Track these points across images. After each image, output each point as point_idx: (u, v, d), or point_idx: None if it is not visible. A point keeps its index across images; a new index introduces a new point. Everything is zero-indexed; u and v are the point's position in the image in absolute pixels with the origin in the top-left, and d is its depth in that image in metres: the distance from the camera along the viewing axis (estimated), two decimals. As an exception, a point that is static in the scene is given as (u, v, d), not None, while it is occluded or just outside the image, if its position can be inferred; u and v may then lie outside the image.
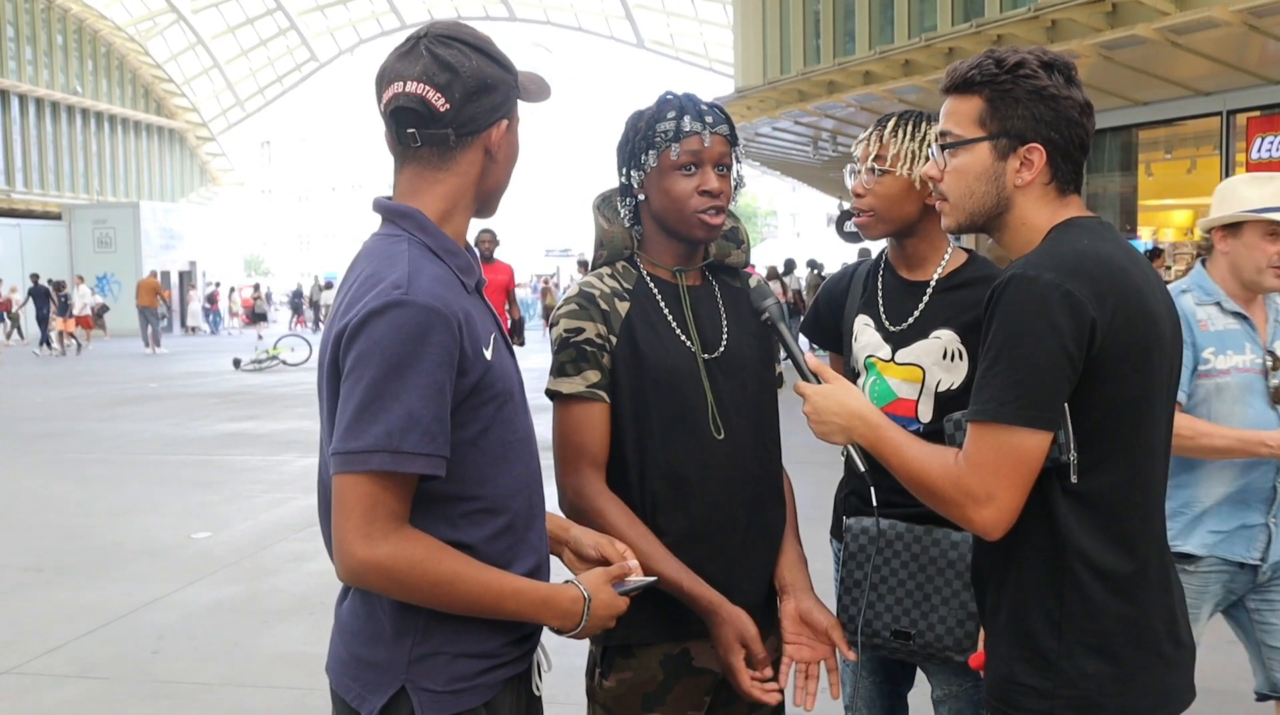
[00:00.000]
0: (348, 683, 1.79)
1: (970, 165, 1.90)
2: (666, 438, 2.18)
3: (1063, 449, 1.77)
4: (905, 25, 18.24)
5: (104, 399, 15.91)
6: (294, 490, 8.92)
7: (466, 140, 1.80)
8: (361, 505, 1.64)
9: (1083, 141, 1.87)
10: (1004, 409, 1.73)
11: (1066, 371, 1.73)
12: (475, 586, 1.71)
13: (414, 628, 1.74)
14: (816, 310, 2.79)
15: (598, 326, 2.18)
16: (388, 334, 1.64)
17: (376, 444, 1.63)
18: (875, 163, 2.47)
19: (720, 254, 2.37)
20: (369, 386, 1.64)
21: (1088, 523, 1.78)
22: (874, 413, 1.91)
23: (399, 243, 1.77)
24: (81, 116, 39.72)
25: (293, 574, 6.49)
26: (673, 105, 2.21)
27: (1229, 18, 11.96)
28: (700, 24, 41.07)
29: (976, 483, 1.75)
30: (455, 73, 1.76)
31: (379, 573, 1.66)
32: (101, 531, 7.63)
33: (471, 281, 1.83)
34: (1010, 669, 1.84)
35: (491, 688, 1.79)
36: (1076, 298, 1.72)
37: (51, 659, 5.14)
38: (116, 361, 23.49)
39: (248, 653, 5.19)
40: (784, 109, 20.65)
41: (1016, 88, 1.85)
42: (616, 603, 1.89)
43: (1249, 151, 14.35)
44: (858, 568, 2.47)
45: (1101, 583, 1.78)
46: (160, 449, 11.21)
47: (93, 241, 34.44)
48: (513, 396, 1.83)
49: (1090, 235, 1.83)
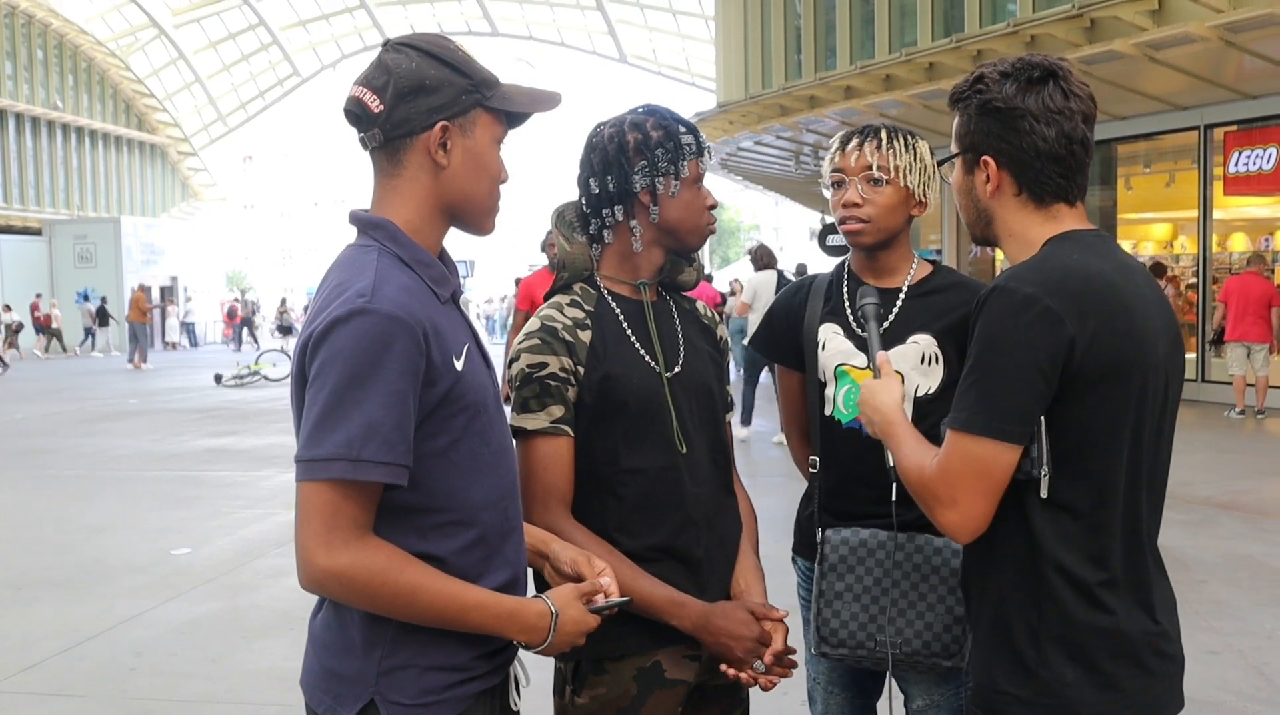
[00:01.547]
0: (319, 695, 1.79)
1: (955, 181, 1.99)
2: (636, 456, 2.19)
3: (1035, 463, 1.77)
4: (886, 40, 18.36)
5: (84, 415, 15.82)
6: (274, 506, 8.88)
7: (405, 143, 1.78)
8: (322, 513, 1.64)
9: (1040, 150, 1.85)
10: (974, 419, 1.75)
11: (1039, 387, 1.73)
12: (439, 598, 1.70)
13: (383, 640, 1.74)
14: (770, 325, 2.75)
15: (561, 359, 2.18)
16: (350, 342, 1.64)
17: (336, 452, 1.62)
18: (879, 173, 2.48)
19: (673, 272, 2.38)
20: (330, 394, 1.64)
21: (1062, 535, 1.79)
22: (893, 409, 1.97)
23: (369, 253, 1.77)
24: (62, 132, 39.55)
25: (273, 590, 6.45)
26: (674, 119, 2.26)
27: (1206, 33, 12.09)
28: (682, 39, 41.20)
29: (943, 487, 1.78)
30: (390, 74, 1.76)
31: (339, 582, 1.65)
32: (80, 547, 7.57)
33: (445, 292, 1.82)
34: (993, 677, 1.85)
35: (462, 701, 1.78)
36: (1055, 313, 1.72)
37: (29, 676, 5.09)
38: (97, 377, 23.37)
39: (227, 669, 5.15)
40: (766, 124, 20.74)
41: (972, 102, 1.89)
42: (586, 620, 1.88)
43: (1226, 165, 14.49)
44: (838, 579, 2.47)
45: (1077, 593, 1.79)
46: (140, 465, 11.15)
47: (73, 257, 34.29)
48: (486, 408, 1.82)
49: (1083, 250, 1.83)
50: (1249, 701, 4.44)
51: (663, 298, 2.36)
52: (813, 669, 2.72)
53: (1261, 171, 14.05)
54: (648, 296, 2.30)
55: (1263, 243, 15.32)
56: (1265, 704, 4.43)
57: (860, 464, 2.53)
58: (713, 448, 2.30)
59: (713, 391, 2.33)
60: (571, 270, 2.30)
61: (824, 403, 2.58)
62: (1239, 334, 12.66)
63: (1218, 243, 15.61)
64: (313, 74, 49.40)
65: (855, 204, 2.50)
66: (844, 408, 2.55)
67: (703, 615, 2.14)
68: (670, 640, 2.18)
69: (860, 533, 2.48)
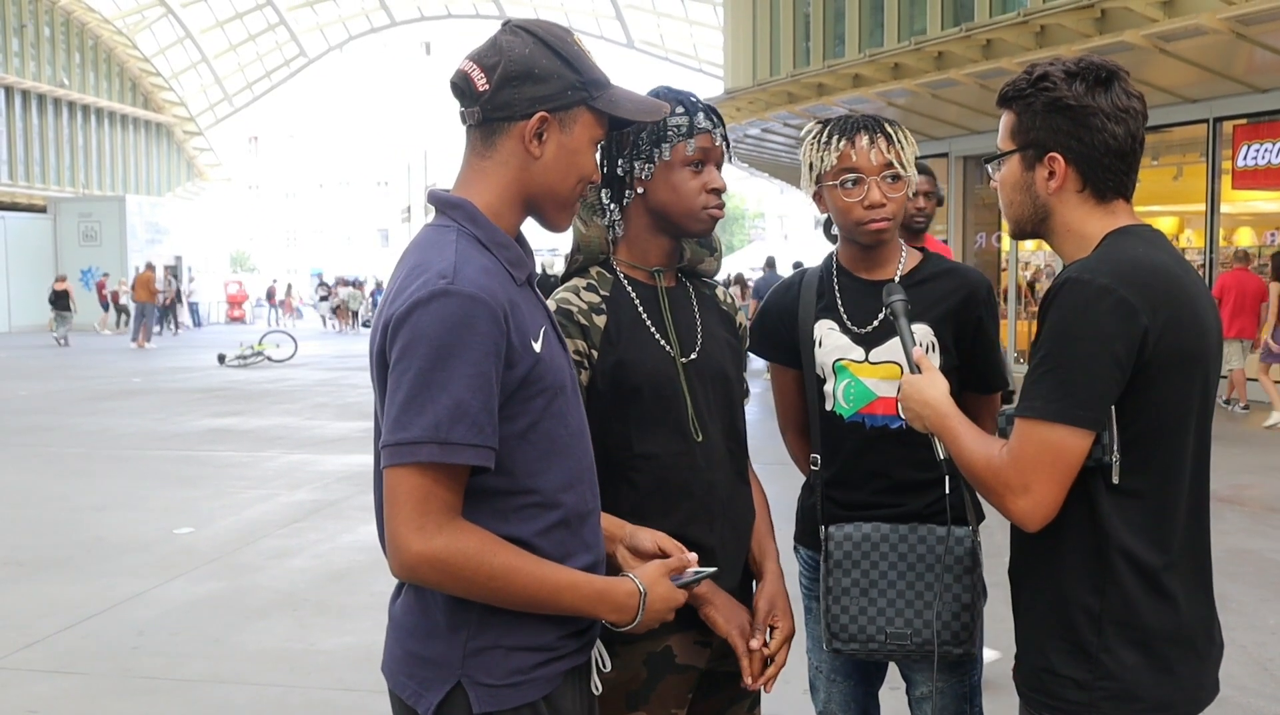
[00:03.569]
0: (404, 680, 1.77)
1: (1007, 177, 2.00)
2: (650, 442, 2.19)
3: (1106, 450, 1.82)
4: (895, 28, 18.30)
5: (87, 393, 15.84)
6: (277, 486, 8.89)
7: (502, 126, 1.77)
8: (413, 498, 1.63)
9: (1109, 147, 1.90)
10: (1050, 407, 1.79)
11: (1115, 375, 1.78)
12: (531, 580, 1.69)
13: (468, 621, 1.73)
14: (763, 323, 2.73)
15: (576, 342, 2.18)
16: (433, 324, 1.63)
17: (424, 435, 1.61)
18: (898, 169, 2.46)
19: (694, 260, 2.37)
20: (415, 377, 1.62)
21: (1130, 520, 1.84)
22: (944, 402, 2.00)
23: (448, 233, 1.76)
24: (68, 109, 39.53)
25: (275, 570, 6.46)
26: (677, 100, 2.22)
27: (1217, 25, 12.03)
28: (690, 25, 41.08)
29: (1015, 475, 1.82)
30: (503, 55, 1.76)
31: (433, 566, 1.64)
32: (83, 526, 7.58)
33: (522, 274, 1.81)
34: (1049, 660, 1.90)
35: (550, 681, 1.77)
36: (1130, 304, 1.77)
37: (30, 653, 5.10)
38: (101, 356, 23.38)
39: (229, 649, 5.16)
40: (773, 111, 20.67)
41: (1037, 100, 1.92)
42: (674, 595, 1.88)
43: (1235, 159, 14.43)
44: (845, 575, 2.47)
45: (1141, 578, 1.85)
46: (143, 444, 11.16)
47: (78, 235, 34.28)
48: (564, 390, 1.81)
49: (1145, 244, 1.89)
50: (1253, 697, 4.44)
51: (682, 284, 2.35)
52: (815, 658, 2.72)
53: (1270, 165, 13.99)
54: (662, 282, 2.29)
55: (1269, 237, 15.29)
56: (1270, 699, 4.43)
57: (863, 457, 2.53)
58: (728, 435, 2.29)
59: (729, 378, 2.31)
60: (587, 253, 2.28)
61: (824, 399, 2.57)
62: (1236, 331, 12.64)
63: (1224, 237, 15.56)
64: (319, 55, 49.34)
65: (880, 203, 2.46)
66: (845, 402, 2.54)
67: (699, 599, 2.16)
68: (681, 626, 2.17)
69: (864, 527, 2.48)
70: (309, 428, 12.34)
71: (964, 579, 2.42)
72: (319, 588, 6.08)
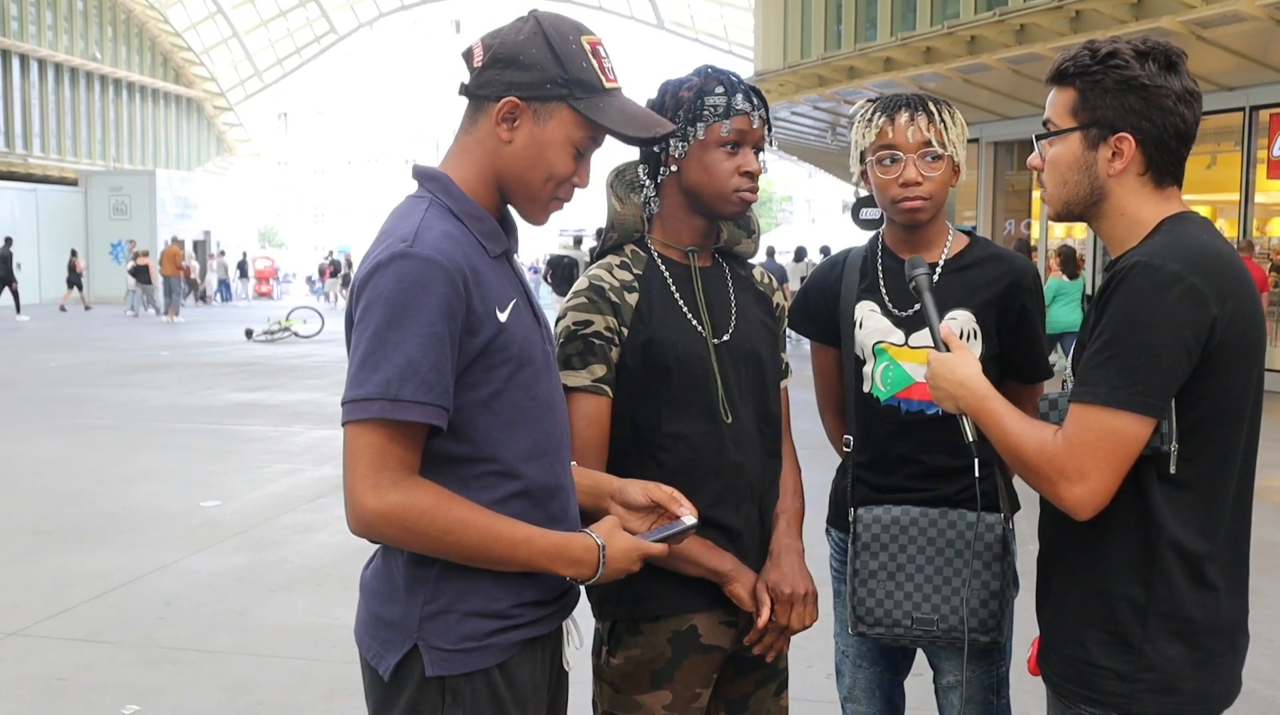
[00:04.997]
0: (368, 641, 1.83)
1: (1063, 155, 1.92)
2: (678, 421, 2.18)
3: (1164, 439, 1.79)
4: (928, 12, 18.15)
5: (117, 366, 15.96)
6: (304, 462, 8.95)
7: (483, 105, 1.82)
8: (368, 455, 1.66)
9: (1179, 130, 1.86)
10: (1116, 393, 1.75)
11: (1182, 363, 1.75)
12: (486, 534, 1.71)
13: (425, 583, 1.76)
14: (805, 299, 2.73)
15: (607, 319, 2.17)
16: (390, 284, 1.67)
17: (375, 392, 1.65)
18: (937, 148, 2.44)
19: (731, 241, 2.35)
20: (371, 336, 1.67)
21: (1180, 510, 1.82)
22: (983, 384, 1.94)
23: (421, 203, 1.80)
24: (100, 83, 39.73)
25: (300, 545, 6.51)
26: (718, 80, 2.19)
27: (1256, 12, 11.88)
28: (721, 6, 40.89)
29: (1071, 461, 1.78)
30: (500, 38, 1.81)
31: (388, 521, 1.67)
32: (111, 497, 7.66)
33: (496, 248, 1.83)
34: (1088, 651, 1.88)
35: (505, 649, 1.79)
36: (1201, 292, 1.74)
37: (58, 622, 5.16)
38: (130, 328, 23.56)
39: (253, 622, 5.20)
40: (803, 93, 20.57)
41: (1106, 78, 1.86)
42: (637, 547, 1.87)
43: (1271, 148, 14.26)
44: (872, 558, 2.46)
45: (1189, 570, 1.83)
46: (171, 417, 11.25)
47: (108, 208, 34.49)
48: (532, 361, 1.82)
49: (1206, 231, 1.85)
50: (1279, 690, 4.41)
51: (718, 264, 2.33)
52: (841, 642, 2.71)
53: (1306, 156, 13.84)
54: (696, 262, 2.27)
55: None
56: (1292, 693, 4.40)
57: (897, 441, 2.51)
58: (759, 416, 2.28)
59: (762, 359, 2.30)
60: (620, 231, 2.28)
61: (861, 380, 2.56)
62: None
63: (1258, 227, 15.40)
64: (350, 32, 49.38)
65: (916, 182, 2.44)
66: (882, 385, 2.53)
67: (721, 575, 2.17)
68: (708, 605, 2.18)
69: (893, 510, 2.47)
70: (335, 403, 12.38)
71: (993, 566, 2.40)
72: (343, 563, 6.12)
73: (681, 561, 2.12)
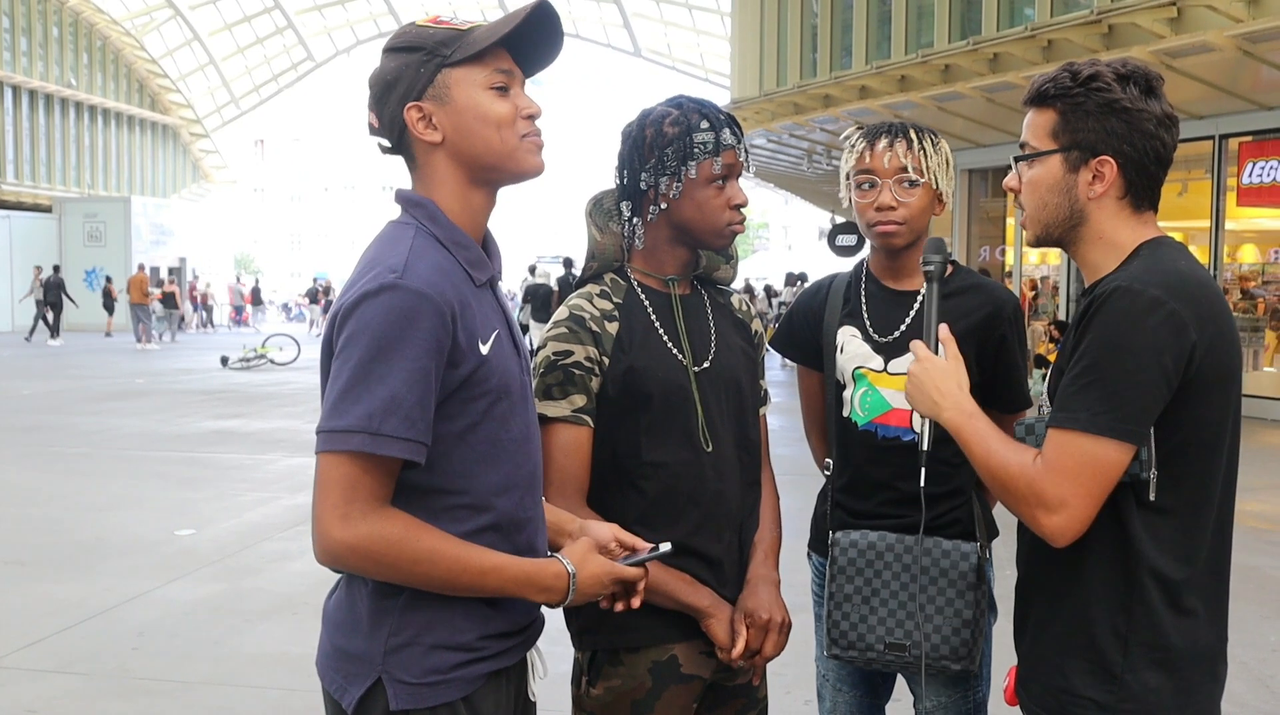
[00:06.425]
0: (331, 674, 1.80)
1: (1043, 177, 1.91)
2: (659, 450, 2.18)
3: (1144, 465, 1.77)
4: (902, 41, 18.32)
5: (90, 393, 15.84)
6: (279, 489, 8.89)
7: (404, 139, 1.82)
8: (341, 486, 1.65)
9: (1158, 154, 1.86)
10: (1096, 419, 1.73)
11: (1162, 390, 1.74)
12: (455, 563, 1.70)
13: (390, 616, 1.74)
14: (790, 323, 2.76)
15: (587, 348, 2.18)
16: (378, 316, 1.65)
17: (357, 424, 1.63)
18: (913, 174, 2.46)
19: (710, 267, 2.37)
20: (355, 367, 1.65)
21: (1160, 538, 1.80)
22: (969, 400, 1.92)
23: (407, 230, 1.78)
24: (75, 109, 39.55)
25: (276, 573, 6.45)
26: (700, 114, 2.20)
27: (1224, 42, 12.04)
28: (698, 34, 41.12)
29: (1051, 487, 1.75)
30: (370, 87, 1.83)
31: (355, 552, 1.66)
32: (84, 526, 7.58)
33: (482, 276, 1.82)
34: (1068, 681, 1.85)
35: (470, 682, 1.77)
36: (1181, 318, 1.73)
37: (30, 653, 5.10)
38: (104, 356, 23.39)
39: (229, 651, 5.15)
40: (779, 121, 20.69)
41: (1088, 100, 1.85)
42: (610, 572, 1.87)
43: (1240, 176, 14.43)
44: (848, 581, 2.47)
45: (1169, 598, 1.81)
46: (145, 445, 11.16)
47: (83, 235, 34.28)
48: (509, 394, 1.81)
49: (1184, 257, 1.84)
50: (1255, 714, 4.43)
51: (696, 291, 2.34)
52: (822, 666, 2.71)
53: (1276, 183, 13.98)
54: (676, 290, 2.28)
55: (1272, 254, 15.28)
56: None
57: (874, 467, 2.53)
58: (739, 444, 2.28)
59: (742, 387, 2.31)
60: (601, 260, 2.29)
61: (841, 405, 2.57)
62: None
63: (1229, 254, 15.56)
64: (327, 59, 49.37)
65: (890, 207, 2.47)
66: (860, 410, 2.54)
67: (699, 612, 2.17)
68: (688, 635, 2.17)
69: (870, 535, 2.48)
70: (311, 431, 12.28)
71: (966, 594, 2.41)
72: (319, 591, 6.05)
73: (659, 596, 2.12)
